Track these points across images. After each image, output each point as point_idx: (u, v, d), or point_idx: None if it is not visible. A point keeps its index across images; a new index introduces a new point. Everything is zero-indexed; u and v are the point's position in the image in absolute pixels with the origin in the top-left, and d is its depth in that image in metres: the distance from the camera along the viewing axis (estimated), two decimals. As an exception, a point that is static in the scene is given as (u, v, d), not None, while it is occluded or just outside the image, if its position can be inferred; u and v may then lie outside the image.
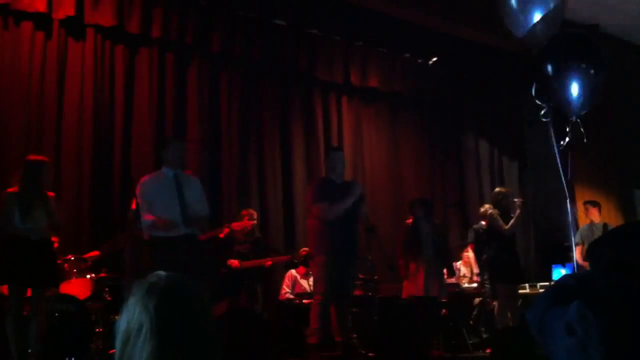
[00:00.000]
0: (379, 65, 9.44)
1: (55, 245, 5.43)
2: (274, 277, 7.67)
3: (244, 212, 7.13)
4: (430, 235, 6.67)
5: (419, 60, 9.74)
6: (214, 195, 7.81)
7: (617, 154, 9.47)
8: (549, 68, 5.04)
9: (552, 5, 4.71)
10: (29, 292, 5.09)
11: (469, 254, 8.39)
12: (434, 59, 9.56)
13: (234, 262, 6.91)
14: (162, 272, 1.42)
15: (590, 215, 8.17)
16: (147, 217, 4.97)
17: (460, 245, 8.59)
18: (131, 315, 1.32)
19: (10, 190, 5.09)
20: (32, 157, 5.30)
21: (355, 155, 9.27)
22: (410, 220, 6.79)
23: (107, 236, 6.46)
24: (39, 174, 5.13)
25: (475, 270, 8.11)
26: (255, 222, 7.12)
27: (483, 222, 7.31)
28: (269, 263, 7.01)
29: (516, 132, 10.16)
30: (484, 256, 7.10)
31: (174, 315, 1.32)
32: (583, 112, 5.00)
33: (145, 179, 5.26)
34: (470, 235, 8.14)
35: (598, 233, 7.45)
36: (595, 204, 8.32)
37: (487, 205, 7.64)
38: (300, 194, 8.30)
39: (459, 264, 8.46)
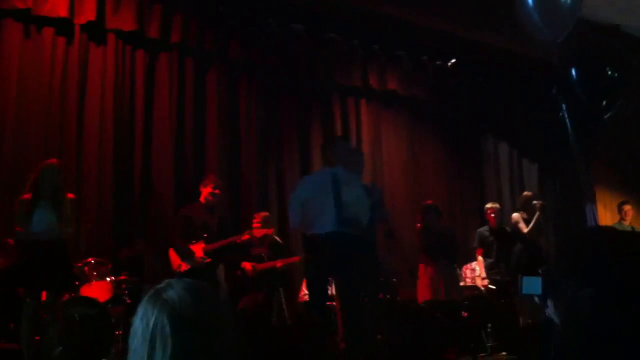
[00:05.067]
0: (397, 69, 9.42)
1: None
2: (297, 280, 7.68)
3: (255, 215, 7.11)
4: (437, 237, 6.67)
5: (437, 63, 9.70)
6: (233, 200, 7.86)
7: (637, 157, 9.36)
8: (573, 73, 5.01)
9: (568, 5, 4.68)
10: (43, 296, 5.09)
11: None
12: (452, 60, 9.51)
13: (247, 265, 6.95)
14: (174, 280, 1.43)
15: (627, 216, 8.13)
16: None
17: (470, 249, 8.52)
18: (146, 322, 1.34)
19: (23, 197, 5.13)
20: (43, 162, 5.29)
21: (374, 158, 9.25)
22: (419, 226, 6.85)
23: (128, 241, 6.51)
24: (47, 177, 5.12)
25: (483, 274, 8.04)
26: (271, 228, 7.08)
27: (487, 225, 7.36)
28: (280, 264, 7.02)
29: (536, 134, 10.07)
30: (491, 260, 7.11)
31: (189, 322, 1.33)
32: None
33: (305, 177, 5.24)
34: (476, 239, 8.06)
35: None
36: (627, 203, 8.29)
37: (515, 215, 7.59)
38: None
39: (474, 264, 8.39)
